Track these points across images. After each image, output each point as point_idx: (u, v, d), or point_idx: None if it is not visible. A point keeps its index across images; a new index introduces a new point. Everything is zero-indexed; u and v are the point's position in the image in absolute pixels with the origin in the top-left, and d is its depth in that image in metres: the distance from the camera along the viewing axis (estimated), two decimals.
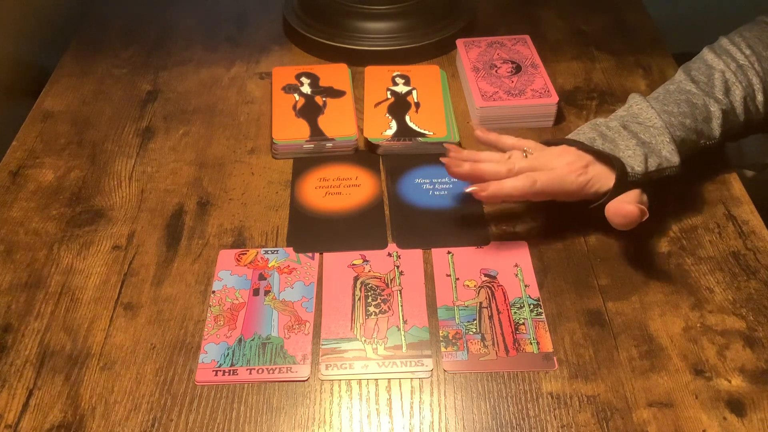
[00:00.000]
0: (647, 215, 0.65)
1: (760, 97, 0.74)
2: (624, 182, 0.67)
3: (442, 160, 0.71)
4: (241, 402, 0.59)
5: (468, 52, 0.93)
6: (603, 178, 0.68)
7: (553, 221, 0.73)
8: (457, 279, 0.68)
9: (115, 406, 0.59)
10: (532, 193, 0.67)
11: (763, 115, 0.75)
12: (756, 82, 0.74)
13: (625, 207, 0.65)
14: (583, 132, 0.72)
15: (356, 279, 0.69)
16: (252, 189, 0.78)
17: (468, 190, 0.68)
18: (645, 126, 0.70)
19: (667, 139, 0.69)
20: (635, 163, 0.67)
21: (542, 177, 0.67)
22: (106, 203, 0.76)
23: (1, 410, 0.59)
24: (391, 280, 0.68)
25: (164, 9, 1.07)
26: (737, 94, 0.73)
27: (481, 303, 0.66)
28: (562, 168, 0.68)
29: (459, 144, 0.82)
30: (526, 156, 0.70)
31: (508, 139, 0.73)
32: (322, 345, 0.63)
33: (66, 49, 0.99)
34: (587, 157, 0.69)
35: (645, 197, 0.68)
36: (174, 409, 0.59)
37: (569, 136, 0.72)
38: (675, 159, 0.68)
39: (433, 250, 0.71)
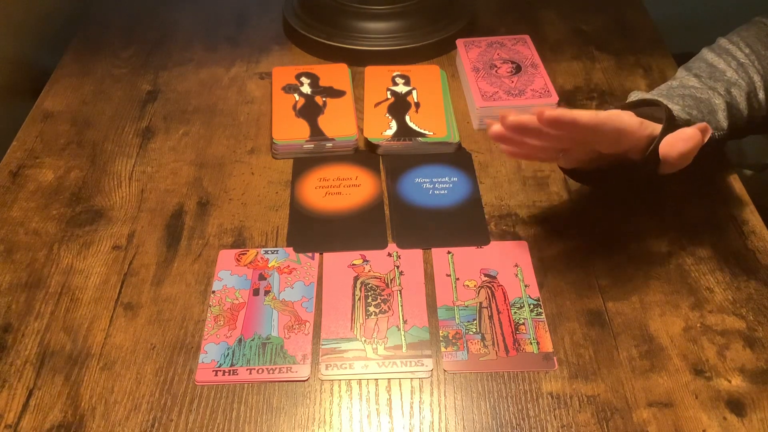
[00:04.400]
0: (709, 131, 0.63)
1: (761, 95, 0.74)
2: (672, 122, 0.65)
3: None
4: (241, 402, 0.59)
5: (468, 52, 0.93)
6: (655, 126, 0.65)
7: (553, 221, 0.73)
8: (457, 279, 0.68)
9: (115, 406, 0.59)
10: (596, 122, 0.61)
11: (765, 112, 0.75)
12: (757, 80, 0.74)
13: (686, 131, 0.61)
14: None
15: (356, 279, 0.69)
16: (252, 189, 0.78)
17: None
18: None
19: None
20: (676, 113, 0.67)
21: (604, 112, 0.63)
22: (106, 203, 0.76)
23: (1, 410, 0.59)
24: (391, 280, 0.68)
25: (164, 9, 1.07)
26: (740, 90, 0.73)
27: (481, 303, 0.66)
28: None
29: (459, 144, 0.82)
30: None
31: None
32: (322, 345, 0.63)
33: (66, 49, 0.99)
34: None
35: None
36: (174, 409, 0.59)
37: None
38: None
39: (433, 250, 0.71)
